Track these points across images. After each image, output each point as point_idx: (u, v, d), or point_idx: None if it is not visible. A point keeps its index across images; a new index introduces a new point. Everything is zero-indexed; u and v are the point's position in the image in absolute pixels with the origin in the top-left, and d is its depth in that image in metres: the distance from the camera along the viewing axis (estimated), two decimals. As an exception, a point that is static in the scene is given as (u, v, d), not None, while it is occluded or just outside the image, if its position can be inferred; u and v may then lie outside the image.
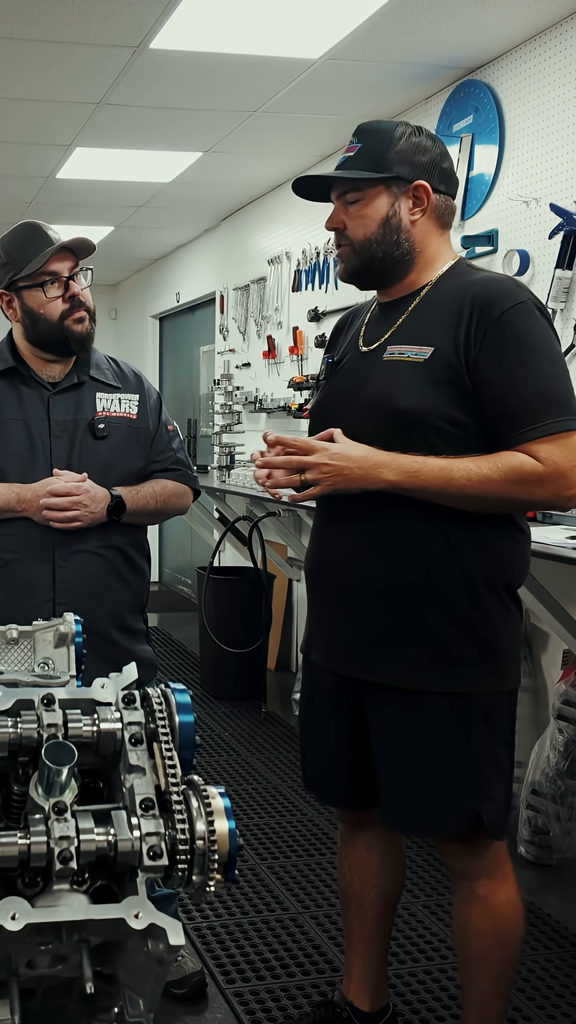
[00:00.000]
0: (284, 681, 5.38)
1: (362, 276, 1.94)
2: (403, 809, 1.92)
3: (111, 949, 0.98)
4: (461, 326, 1.80)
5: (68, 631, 1.40)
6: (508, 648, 1.88)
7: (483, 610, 1.84)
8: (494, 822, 1.87)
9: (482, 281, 1.85)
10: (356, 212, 1.89)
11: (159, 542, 8.80)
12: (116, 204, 6.35)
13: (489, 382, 1.78)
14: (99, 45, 3.72)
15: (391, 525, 1.85)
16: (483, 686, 1.85)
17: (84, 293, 2.21)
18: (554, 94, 3.46)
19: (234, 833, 0.98)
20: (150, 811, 0.98)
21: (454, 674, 1.84)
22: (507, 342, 1.77)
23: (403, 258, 1.90)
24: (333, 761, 2.03)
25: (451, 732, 1.85)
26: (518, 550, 1.90)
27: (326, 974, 2.54)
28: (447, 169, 1.92)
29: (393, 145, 1.87)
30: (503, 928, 1.93)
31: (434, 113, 4.13)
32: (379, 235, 1.88)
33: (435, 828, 1.95)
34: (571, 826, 3.13)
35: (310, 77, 4.02)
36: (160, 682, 1.16)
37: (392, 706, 1.88)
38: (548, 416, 1.75)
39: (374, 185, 1.87)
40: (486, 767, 1.87)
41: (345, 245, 1.93)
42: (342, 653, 1.94)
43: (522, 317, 1.78)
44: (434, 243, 1.92)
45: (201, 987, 2.46)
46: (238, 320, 6.47)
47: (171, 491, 2.32)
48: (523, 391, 1.77)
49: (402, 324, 1.90)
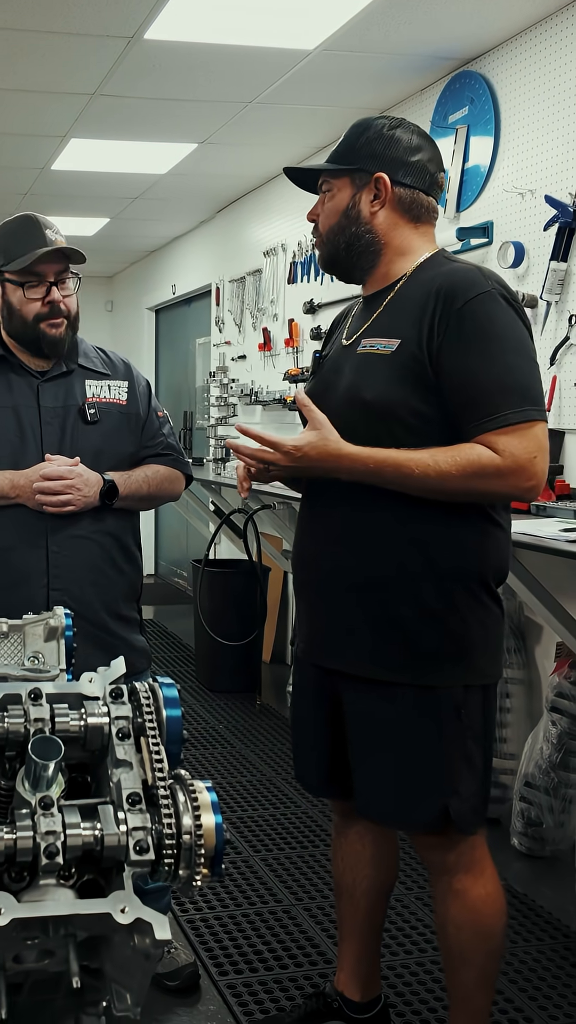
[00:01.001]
0: (279, 673, 5.39)
1: (332, 266, 2.00)
2: (373, 800, 1.93)
3: (98, 943, 0.98)
4: (425, 317, 1.80)
5: (58, 625, 1.40)
6: (481, 643, 1.87)
7: (453, 604, 1.84)
8: (462, 816, 1.86)
9: (448, 272, 1.85)
10: (325, 203, 1.95)
11: (155, 534, 8.80)
12: (111, 195, 6.33)
13: (450, 373, 1.78)
14: (93, 36, 3.71)
15: (365, 519, 1.86)
16: (452, 680, 1.85)
17: (67, 300, 2.19)
18: (549, 85, 3.45)
19: (221, 828, 0.98)
20: (137, 805, 0.97)
21: (421, 667, 1.84)
22: (468, 332, 1.77)
23: (367, 249, 1.92)
24: (317, 752, 2.05)
25: (418, 724, 1.85)
26: (492, 544, 1.88)
27: (319, 966, 2.55)
28: (417, 163, 1.91)
29: (363, 138, 1.91)
30: (482, 922, 1.93)
31: (429, 104, 4.12)
32: (339, 226, 1.92)
33: (403, 820, 1.96)
34: (564, 818, 3.14)
35: (305, 68, 4.01)
36: (150, 676, 1.16)
37: (364, 697, 1.90)
38: (507, 407, 1.74)
39: (340, 177, 1.92)
40: (454, 761, 1.86)
41: (317, 236, 1.99)
42: (320, 644, 1.97)
43: (485, 306, 1.78)
44: (402, 235, 1.92)
45: (194, 979, 2.46)
46: (234, 312, 6.46)
47: (163, 476, 2.33)
48: (483, 381, 1.76)
49: (377, 317, 1.91)
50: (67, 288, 2.20)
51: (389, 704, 1.87)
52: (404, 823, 1.98)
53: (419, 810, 1.88)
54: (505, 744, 3.38)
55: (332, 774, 2.03)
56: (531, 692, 3.48)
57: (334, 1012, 2.17)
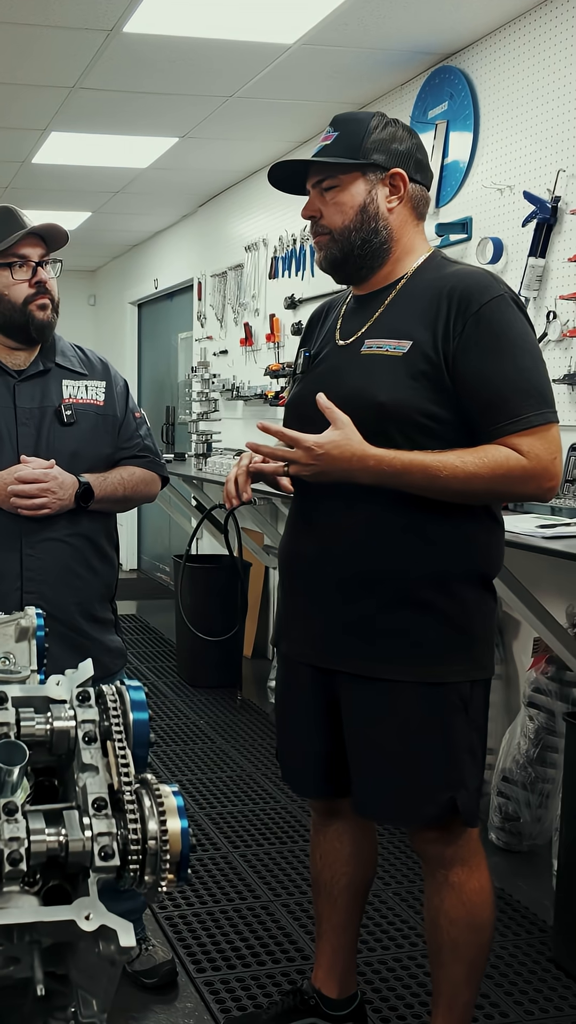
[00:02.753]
0: (260, 669, 5.39)
1: (342, 265, 1.93)
2: (378, 798, 1.92)
3: (63, 950, 0.97)
4: (439, 320, 1.80)
5: (29, 625, 1.40)
6: (483, 637, 1.90)
7: (459, 600, 1.85)
8: (468, 809, 1.88)
9: (459, 274, 1.85)
10: (332, 199, 1.89)
11: (138, 530, 8.78)
12: (93, 189, 6.31)
13: (468, 376, 1.78)
14: (72, 28, 3.68)
15: (366, 516, 1.85)
16: (458, 674, 1.86)
17: (51, 282, 2.20)
18: (528, 81, 3.45)
19: (187, 832, 0.98)
20: (102, 811, 0.97)
21: (428, 663, 1.85)
22: (485, 336, 1.78)
23: (381, 247, 1.89)
24: (308, 752, 2.04)
25: (426, 721, 1.86)
26: (494, 540, 1.92)
27: (296, 962, 2.55)
28: (422, 160, 1.92)
29: (369, 133, 1.87)
30: (475, 915, 1.94)
31: (409, 99, 4.12)
32: (357, 222, 1.88)
33: (410, 816, 1.95)
34: (541, 813, 3.15)
35: (285, 62, 4.00)
36: (124, 675, 1.16)
37: (366, 696, 1.89)
38: (528, 409, 1.76)
39: (350, 171, 1.87)
40: (461, 754, 1.87)
41: (323, 234, 1.92)
42: (317, 644, 1.94)
43: (500, 310, 1.79)
44: (410, 233, 1.92)
45: (171, 976, 2.46)
46: (215, 307, 6.45)
47: (139, 478, 2.32)
48: (502, 385, 1.77)
49: (379, 317, 1.90)
50: (50, 272, 2.20)
51: (394, 702, 1.86)
52: (412, 818, 1.95)
53: (428, 805, 1.87)
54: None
55: (328, 775, 2.02)
56: (509, 687, 3.49)
57: (311, 1009, 2.17)
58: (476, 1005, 2.36)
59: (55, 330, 2.29)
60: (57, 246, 2.21)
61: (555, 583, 3.22)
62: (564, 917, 2.57)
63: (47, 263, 2.20)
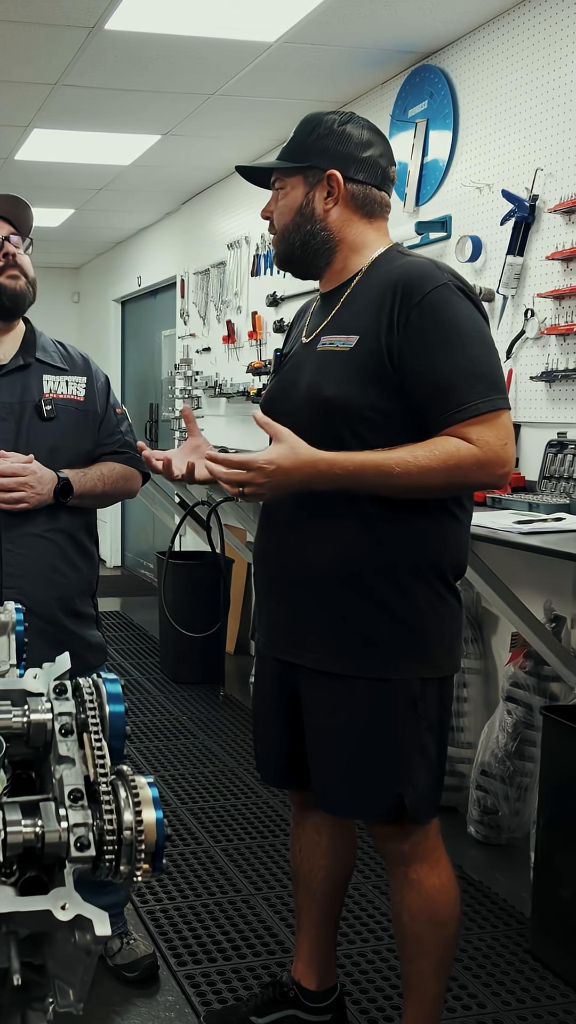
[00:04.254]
0: (242, 665, 5.41)
1: (288, 264, 1.99)
2: (330, 791, 1.95)
3: (40, 940, 0.99)
4: (383, 313, 1.81)
5: (8, 620, 1.40)
6: (437, 636, 1.89)
7: (408, 596, 1.85)
8: (417, 806, 1.88)
9: (403, 266, 1.86)
10: (279, 201, 1.95)
11: (121, 526, 8.78)
12: (76, 187, 6.30)
13: (413, 366, 1.78)
14: (54, 25, 3.69)
15: (320, 512, 1.87)
16: (406, 671, 1.86)
17: (22, 257, 2.21)
18: (507, 80, 3.47)
19: (161, 823, 0.99)
20: (79, 802, 0.98)
21: (377, 660, 1.86)
22: (428, 325, 1.77)
23: (322, 246, 1.92)
24: (276, 744, 2.07)
25: (374, 717, 1.87)
26: (448, 534, 1.89)
27: (277, 955, 2.57)
28: (369, 158, 1.91)
29: (314, 134, 1.91)
30: (437, 911, 1.96)
31: (390, 98, 4.14)
32: (294, 224, 1.92)
33: (360, 811, 1.98)
34: (519, 806, 3.18)
35: (266, 60, 4.01)
36: (104, 670, 1.17)
37: (320, 690, 1.92)
38: (475, 396, 1.75)
39: (293, 175, 1.92)
40: (410, 752, 1.88)
41: (272, 233, 1.99)
42: (279, 637, 1.98)
43: (443, 298, 1.79)
44: (356, 231, 1.92)
45: (153, 970, 2.48)
46: (198, 304, 6.46)
47: (119, 474, 2.32)
48: (448, 373, 1.76)
49: (336, 314, 1.92)
50: (20, 246, 2.21)
51: (345, 697, 1.88)
52: (358, 813, 2.00)
53: (374, 800, 1.90)
54: (462, 733, 3.42)
55: (290, 766, 2.05)
56: (487, 682, 3.52)
57: (291, 1001, 2.19)
58: (454, 996, 2.39)
59: (36, 326, 2.30)
60: (25, 228, 2.22)
61: (532, 578, 3.25)
62: (541, 909, 2.60)
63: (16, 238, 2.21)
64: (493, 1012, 2.36)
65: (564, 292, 3.18)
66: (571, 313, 3.19)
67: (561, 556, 2.51)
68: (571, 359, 3.18)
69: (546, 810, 2.60)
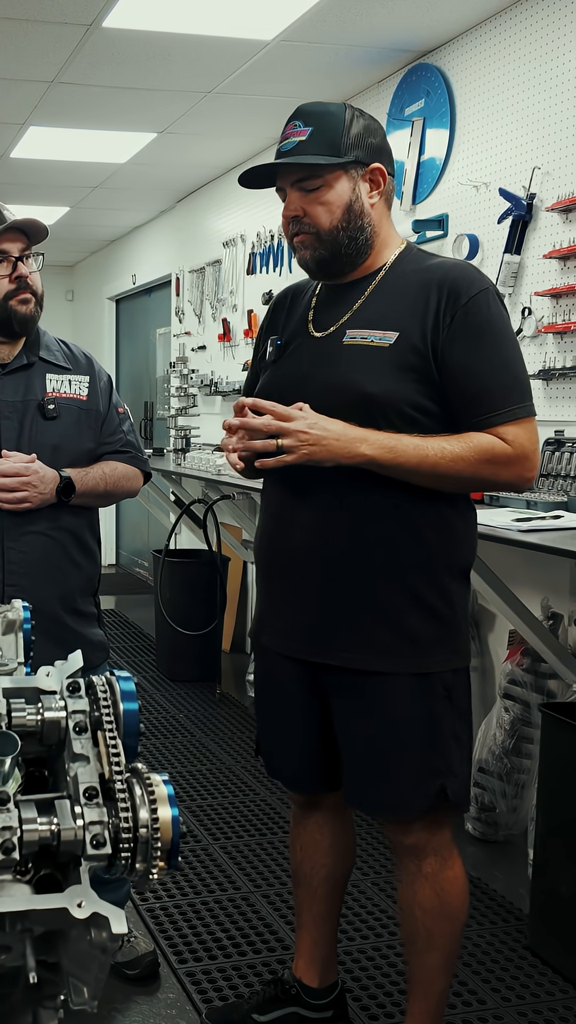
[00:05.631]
0: (239, 662, 5.41)
1: (330, 265, 1.90)
2: (369, 791, 1.93)
3: (55, 938, 0.99)
4: (428, 312, 1.82)
5: (16, 618, 1.41)
6: (463, 625, 1.93)
7: (443, 589, 1.88)
8: (458, 794, 1.91)
9: (445, 267, 1.88)
10: (317, 199, 1.86)
11: (116, 524, 8.77)
12: (71, 184, 6.29)
13: (456, 367, 1.81)
14: (51, 23, 3.68)
15: (351, 506, 1.86)
16: (443, 664, 1.89)
17: (33, 276, 2.20)
18: (504, 78, 3.48)
19: (177, 821, 1.00)
20: (94, 800, 0.98)
21: (417, 654, 1.87)
22: (473, 328, 1.81)
23: (365, 243, 1.90)
24: (295, 748, 2.04)
25: (414, 712, 1.88)
26: (470, 527, 1.95)
27: (277, 952, 2.58)
28: (390, 151, 1.95)
29: (347, 128, 1.86)
30: (449, 904, 1.96)
31: (386, 96, 4.14)
32: (344, 221, 1.87)
33: (402, 808, 1.93)
34: (517, 803, 3.19)
35: (263, 58, 4.01)
36: (107, 669, 1.17)
37: (355, 689, 1.90)
38: (513, 401, 1.81)
39: (334, 170, 1.85)
40: (448, 742, 1.90)
41: (307, 233, 1.88)
42: (302, 638, 1.94)
43: (486, 304, 1.82)
44: (386, 226, 1.93)
45: (153, 967, 2.48)
46: (194, 303, 6.45)
47: (121, 473, 2.32)
48: (489, 377, 1.81)
49: (360, 308, 1.90)
50: (31, 266, 2.20)
51: (384, 694, 1.88)
52: (402, 811, 1.94)
53: (418, 796, 1.89)
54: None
55: (321, 771, 2.02)
56: (484, 679, 3.53)
57: (292, 998, 2.20)
58: (454, 992, 2.39)
59: (39, 324, 2.30)
60: (38, 239, 2.21)
61: (530, 576, 3.27)
62: (539, 905, 2.61)
63: (28, 257, 2.20)
64: (493, 1008, 2.37)
65: (561, 290, 3.19)
66: (568, 311, 3.20)
67: (559, 554, 2.52)
68: (568, 357, 3.20)
69: (544, 806, 2.61)
